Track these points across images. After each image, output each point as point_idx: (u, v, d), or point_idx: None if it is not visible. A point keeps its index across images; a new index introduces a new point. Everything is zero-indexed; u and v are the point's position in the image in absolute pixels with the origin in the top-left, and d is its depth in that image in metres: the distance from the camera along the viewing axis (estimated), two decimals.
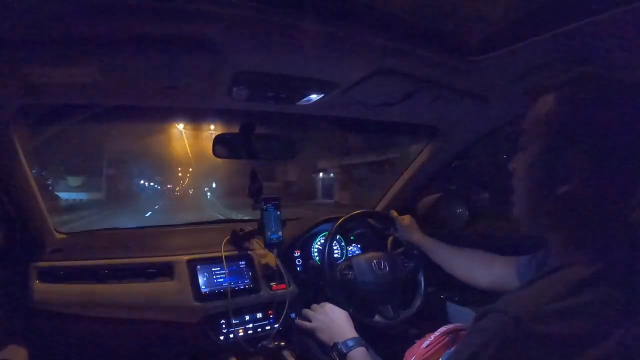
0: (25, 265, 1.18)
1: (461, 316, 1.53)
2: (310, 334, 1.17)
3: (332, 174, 19.68)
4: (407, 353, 1.02)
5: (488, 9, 0.70)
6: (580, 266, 0.52)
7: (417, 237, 1.42)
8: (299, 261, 1.55)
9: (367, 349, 1.05)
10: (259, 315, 1.35)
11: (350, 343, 1.03)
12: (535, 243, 0.76)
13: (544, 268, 0.69)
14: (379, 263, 1.43)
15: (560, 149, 0.56)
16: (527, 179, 0.62)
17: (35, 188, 1.18)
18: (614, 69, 0.57)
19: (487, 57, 0.88)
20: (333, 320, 1.13)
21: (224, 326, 1.28)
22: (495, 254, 1.14)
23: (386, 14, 0.73)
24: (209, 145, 1.25)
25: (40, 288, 1.17)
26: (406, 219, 1.49)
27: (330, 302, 1.24)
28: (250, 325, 1.33)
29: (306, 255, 1.57)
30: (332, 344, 1.06)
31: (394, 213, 1.51)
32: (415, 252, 1.46)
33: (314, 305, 1.24)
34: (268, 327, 1.35)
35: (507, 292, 0.58)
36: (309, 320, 1.19)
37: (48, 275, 1.19)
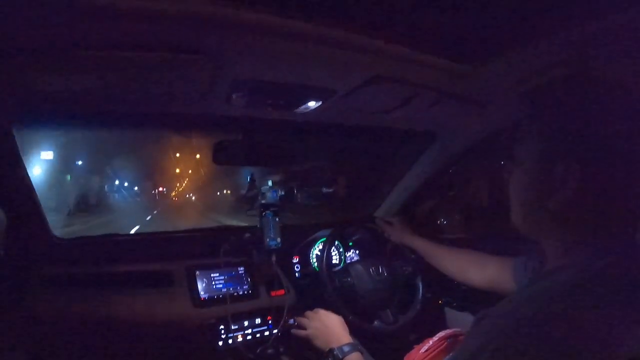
0: (24, 271, 1.18)
1: (459, 321, 1.52)
2: (307, 342, 1.16)
3: None
4: (405, 358, 1.02)
5: (486, 14, 0.71)
6: (578, 268, 0.52)
7: (410, 239, 1.43)
8: (297, 267, 1.55)
9: (363, 354, 1.05)
10: (258, 320, 1.35)
11: (346, 348, 1.03)
12: (529, 244, 0.76)
13: (540, 270, 0.69)
14: (377, 268, 1.43)
15: (553, 157, 0.56)
16: (523, 189, 0.63)
17: (35, 193, 1.18)
18: (613, 71, 0.57)
19: (485, 63, 0.89)
20: (327, 326, 1.13)
21: (222, 332, 1.27)
22: (489, 255, 1.15)
23: (383, 20, 0.73)
24: None
25: (38, 294, 1.16)
26: (394, 222, 1.50)
27: (329, 308, 1.24)
28: (249, 331, 1.32)
29: (305, 261, 1.57)
30: (327, 349, 1.06)
31: (382, 218, 1.52)
32: (413, 256, 1.46)
33: (308, 312, 1.24)
34: (267, 333, 1.35)
35: (502, 292, 0.58)
36: (304, 329, 1.19)
37: (47, 282, 1.18)
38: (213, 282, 1.34)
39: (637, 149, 0.52)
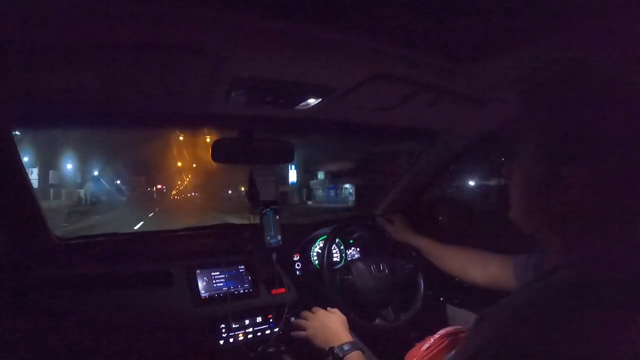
0: (24, 272, 1.18)
1: (460, 318, 1.53)
2: (307, 342, 1.16)
3: None
4: (407, 356, 1.02)
5: (485, 12, 0.70)
6: (579, 268, 0.52)
7: (412, 237, 1.43)
8: (298, 265, 1.55)
9: (364, 352, 1.05)
10: (259, 319, 1.35)
11: (346, 347, 1.03)
12: (531, 242, 0.76)
13: (542, 269, 0.69)
14: (378, 266, 1.43)
15: (557, 159, 0.55)
16: (524, 185, 0.62)
17: (34, 193, 1.18)
18: (613, 71, 0.56)
19: (485, 61, 0.89)
20: (327, 326, 1.13)
21: (223, 330, 1.28)
22: (491, 252, 1.15)
23: (382, 18, 0.73)
24: None
25: (39, 294, 1.16)
26: (395, 220, 1.49)
27: (330, 306, 1.24)
28: (250, 330, 1.32)
29: (305, 259, 1.57)
30: (327, 348, 1.06)
31: (382, 216, 1.52)
32: (414, 254, 1.46)
33: (305, 313, 1.24)
34: (268, 331, 1.35)
35: (503, 290, 0.58)
36: (303, 330, 1.19)
37: (47, 282, 1.18)
38: (213, 281, 1.34)
39: (638, 149, 0.52)
